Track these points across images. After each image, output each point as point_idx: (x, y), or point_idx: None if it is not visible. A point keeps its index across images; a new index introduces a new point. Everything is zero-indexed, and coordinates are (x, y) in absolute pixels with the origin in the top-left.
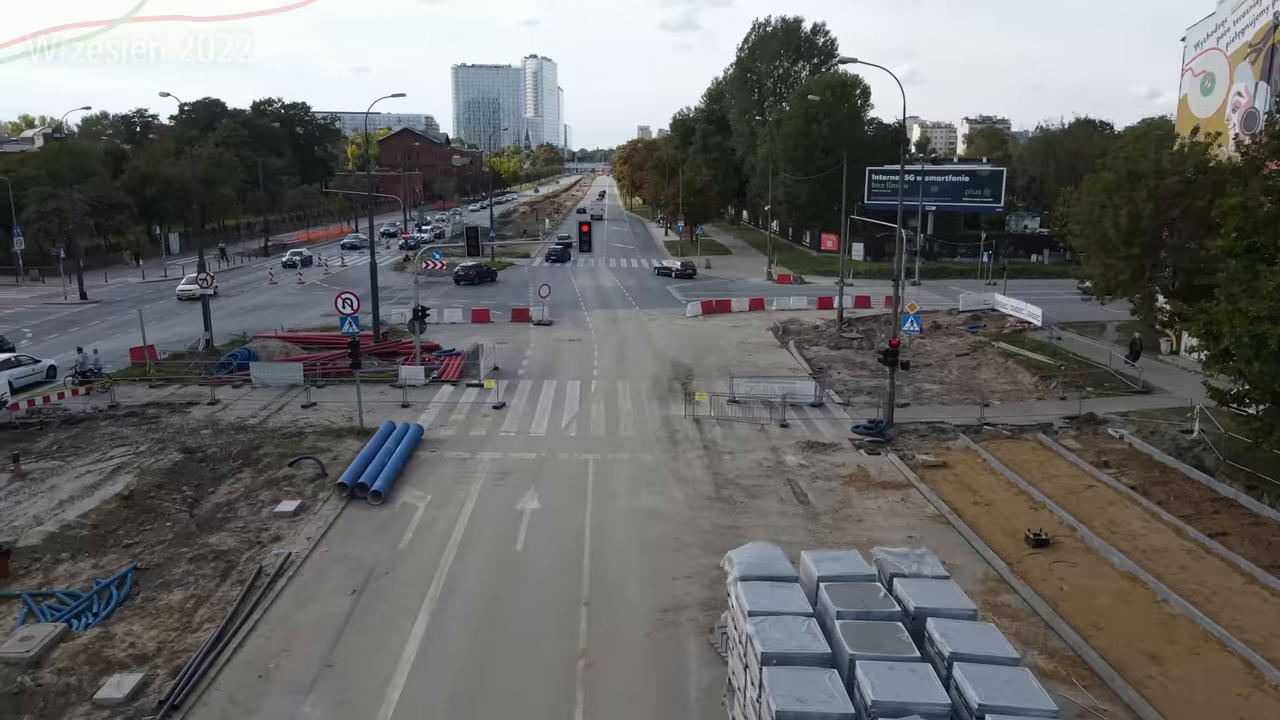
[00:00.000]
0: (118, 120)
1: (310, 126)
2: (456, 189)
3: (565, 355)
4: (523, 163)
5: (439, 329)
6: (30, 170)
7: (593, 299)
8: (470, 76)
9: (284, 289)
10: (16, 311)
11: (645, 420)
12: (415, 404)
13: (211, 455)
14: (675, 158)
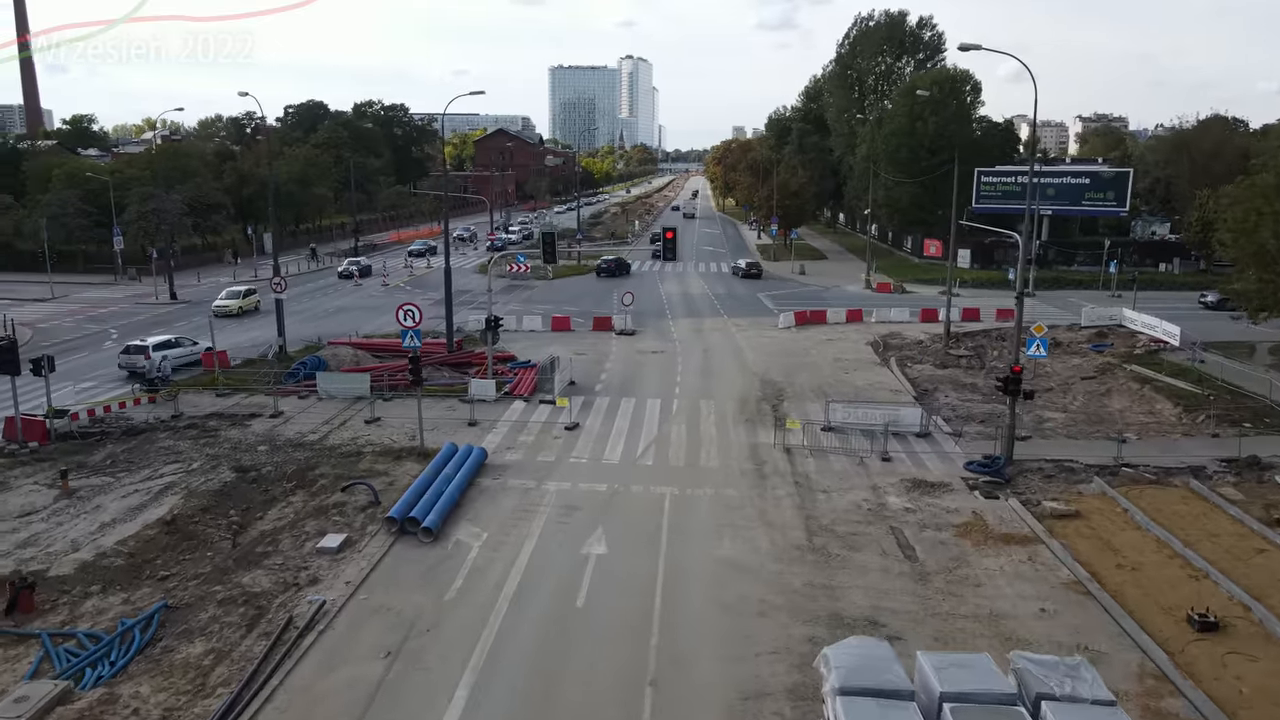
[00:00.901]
0: (229, 122)
1: (408, 128)
2: (549, 189)
3: (647, 369)
4: (616, 163)
5: (516, 337)
6: (135, 171)
7: (679, 306)
8: (566, 77)
9: (368, 291)
10: (109, 310)
11: (730, 448)
12: (483, 422)
13: (265, 475)
14: (770, 158)
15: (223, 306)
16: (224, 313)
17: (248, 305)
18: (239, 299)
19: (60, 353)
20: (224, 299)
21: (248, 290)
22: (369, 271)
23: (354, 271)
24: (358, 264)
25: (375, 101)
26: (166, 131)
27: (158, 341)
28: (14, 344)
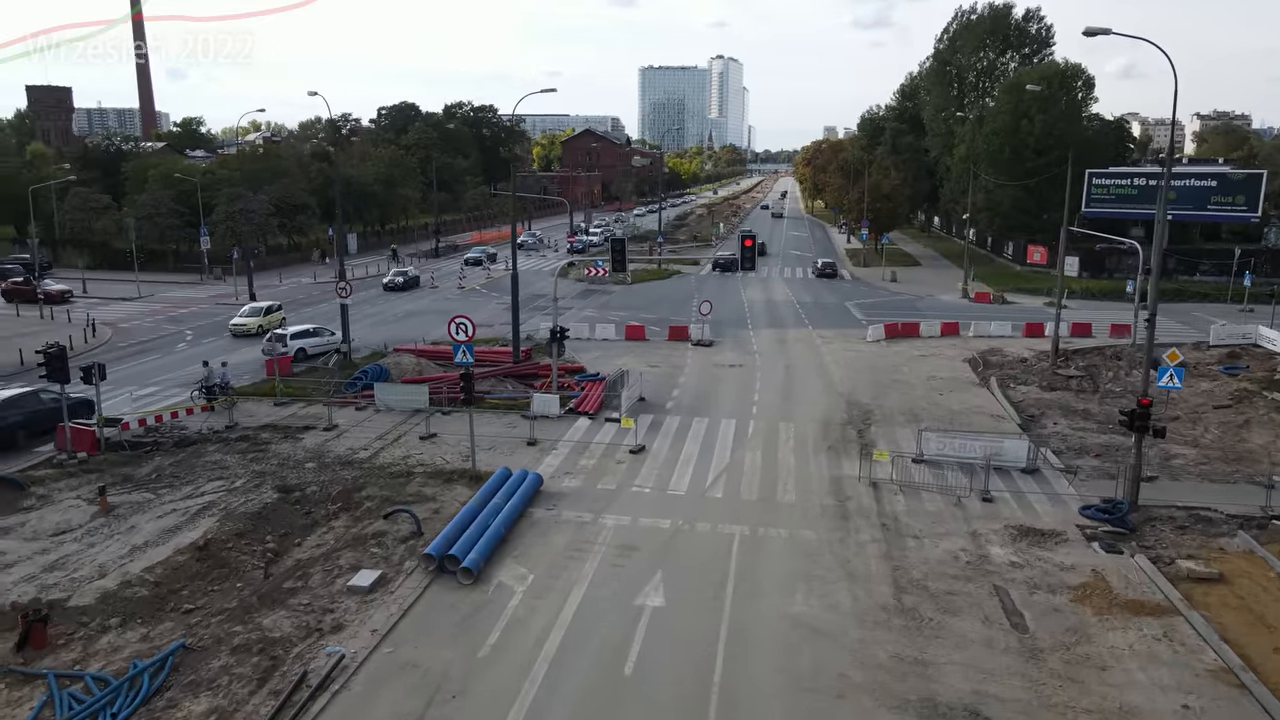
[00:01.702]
0: (327, 124)
1: (496, 128)
2: (634, 190)
3: (723, 385)
4: (704, 164)
5: (588, 346)
6: (226, 172)
7: (761, 315)
8: (657, 78)
9: (443, 293)
10: (189, 311)
11: (810, 480)
12: (543, 441)
13: (309, 495)
14: (861, 159)
15: (240, 326)
16: (242, 332)
17: (271, 324)
18: (260, 317)
19: (133, 354)
20: (243, 317)
21: (270, 307)
22: (416, 283)
23: (399, 283)
24: (404, 274)
25: (465, 103)
26: (268, 133)
27: (296, 330)
28: (64, 351)
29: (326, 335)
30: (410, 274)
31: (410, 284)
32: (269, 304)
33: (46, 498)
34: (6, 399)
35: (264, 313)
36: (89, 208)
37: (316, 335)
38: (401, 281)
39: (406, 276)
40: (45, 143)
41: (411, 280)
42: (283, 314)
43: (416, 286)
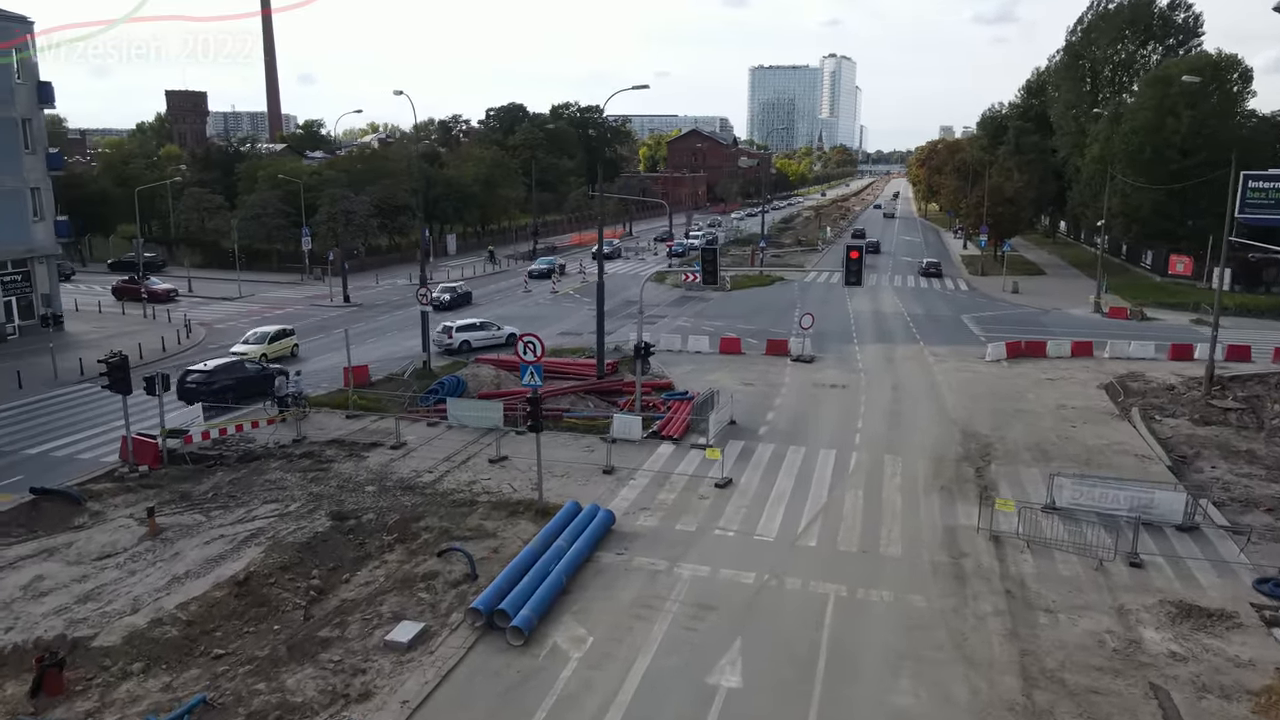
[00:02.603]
0: (439, 125)
1: (602, 129)
2: (740, 192)
3: (824, 407)
4: (813, 164)
5: (679, 360)
6: (332, 173)
7: (868, 328)
8: (767, 78)
9: (535, 298)
10: (284, 312)
11: (919, 529)
12: (621, 470)
13: (364, 524)
14: (981, 159)
15: (241, 355)
16: None
17: (278, 352)
18: (264, 344)
19: (220, 357)
20: (245, 343)
21: (279, 332)
22: (468, 299)
23: (444, 300)
24: (453, 290)
25: (572, 103)
26: (383, 135)
27: (463, 323)
28: (125, 360)
29: (493, 330)
30: (460, 290)
31: (461, 300)
32: (277, 329)
33: (100, 515)
34: (218, 366)
35: (269, 339)
36: (202, 208)
37: (483, 329)
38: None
39: (455, 293)
40: (179, 145)
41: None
42: (294, 339)
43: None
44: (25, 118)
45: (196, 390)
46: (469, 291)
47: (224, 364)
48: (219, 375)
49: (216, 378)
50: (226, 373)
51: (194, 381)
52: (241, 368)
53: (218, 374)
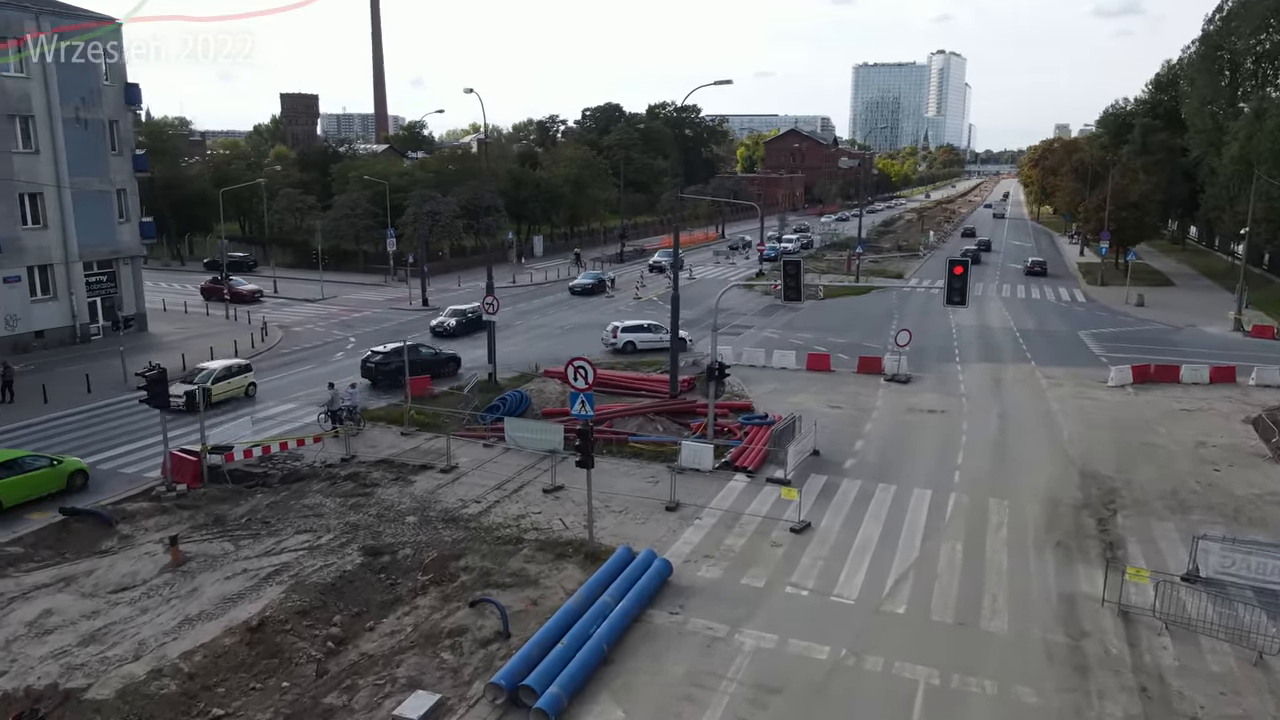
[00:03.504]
0: (537, 126)
1: (699, 129)
2: (839, 193)
3: (919, 437)
4: (917, 165)
5: (762, 377)
6: (422, 174)
7: (971, 344)
8: (871, 76)
9: (618, 303)
10: (362, 315)
11: (1029, 597)
12: (686, 506)
13: (399, 561)
14: (1102, 160)
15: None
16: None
17: (226, 393)
18: (210, 383)
19: (290, 363)
20: (187, 383)
21: (229, 369)
22: (477, 323)
23: (449, 327)
24: (462, 315)
25: (668, 103)
26: (481, 135)
27: (630, 324)
28: (163, 374)
29: (661, 333)
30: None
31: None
32: (226, 365)
33: (129, 539)
34: (393, 349)
35: (214, 378)
36: (295, 208)
37: (650, 331)
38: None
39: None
40: (289, 146)
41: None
42: (248, 377)
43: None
44: (112, 119)
45: (376, 370)
46: (479, 314)
47: (399, 347)
48: (394, 358)
49: (393, 359)
50: (400, 356)
51: (375, 362)
52: (417, 351)
53: (394, 356)
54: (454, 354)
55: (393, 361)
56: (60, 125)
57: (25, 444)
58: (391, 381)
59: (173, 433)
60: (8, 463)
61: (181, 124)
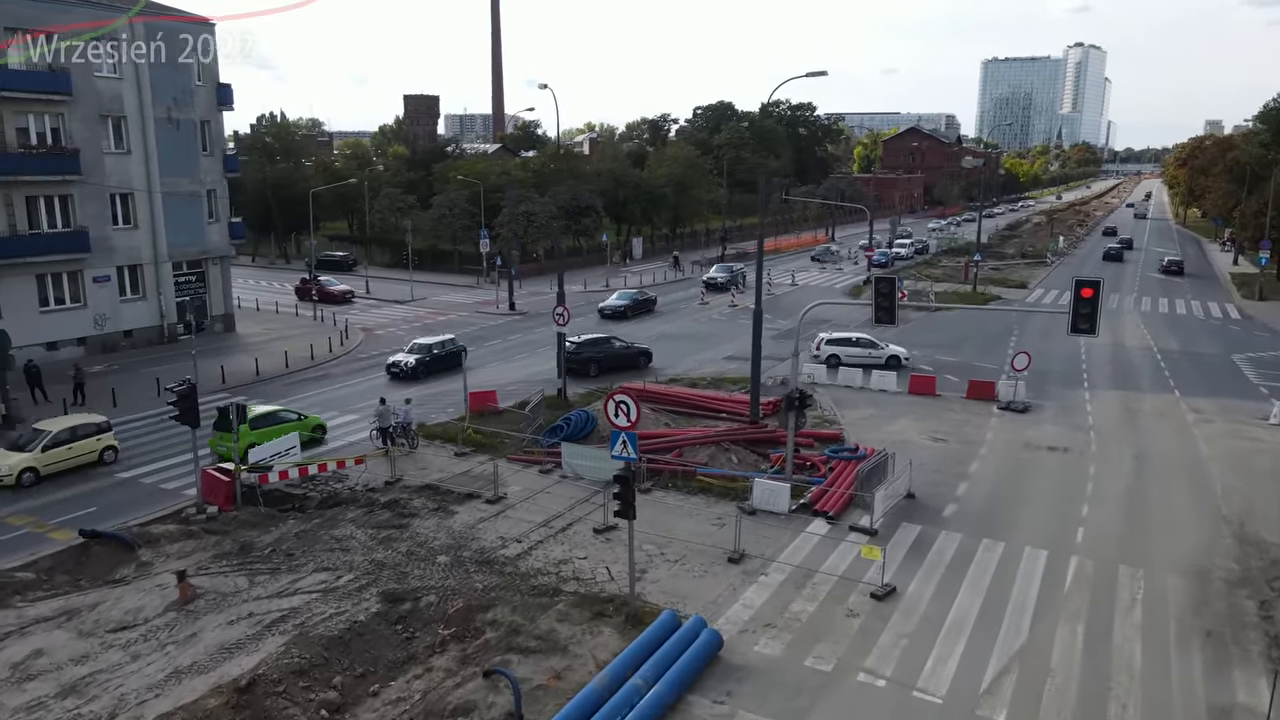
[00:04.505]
0: (649, 125)
1: (814, 127)
2: (960, 194)
3: (1035, 481)
4: (1048, 164)
5: (856, 400)
6: (522, 174)
7: (1103, 367)
8: (1001, 71)
9: (710, 312)
10: (447, 319)
11: (1170, 709)
12: (753, 558)
13: (421, 609)
14: (1261, 159)
15: None
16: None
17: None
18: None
19: (361, 369)
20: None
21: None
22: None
23: (408, 366)
24: (425, 351)
25: (782, 100)
26: (594, 135)
27: (837, 336)
28: (193, 390)
29: (871, 348)
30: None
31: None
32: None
33: (147, 566)
34: (586, 340)
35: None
36: (395, 208)
37: (859, 345)
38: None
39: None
40: (408, 145)
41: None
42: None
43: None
44: (204, 120)
45: (568, 361)
46: (460, 349)
47: (591, 339)
48: (586, 348)
49: (584, 350)
50: (593, 346)
51: (566, 352)
52: (609, 343)
53: (585, 347)
54: (646, 348)
55: (584, 352)
56: (152, 126)
57: None
58: (581, 372)
59: None
60: (264, 415)
61: (314, 125)
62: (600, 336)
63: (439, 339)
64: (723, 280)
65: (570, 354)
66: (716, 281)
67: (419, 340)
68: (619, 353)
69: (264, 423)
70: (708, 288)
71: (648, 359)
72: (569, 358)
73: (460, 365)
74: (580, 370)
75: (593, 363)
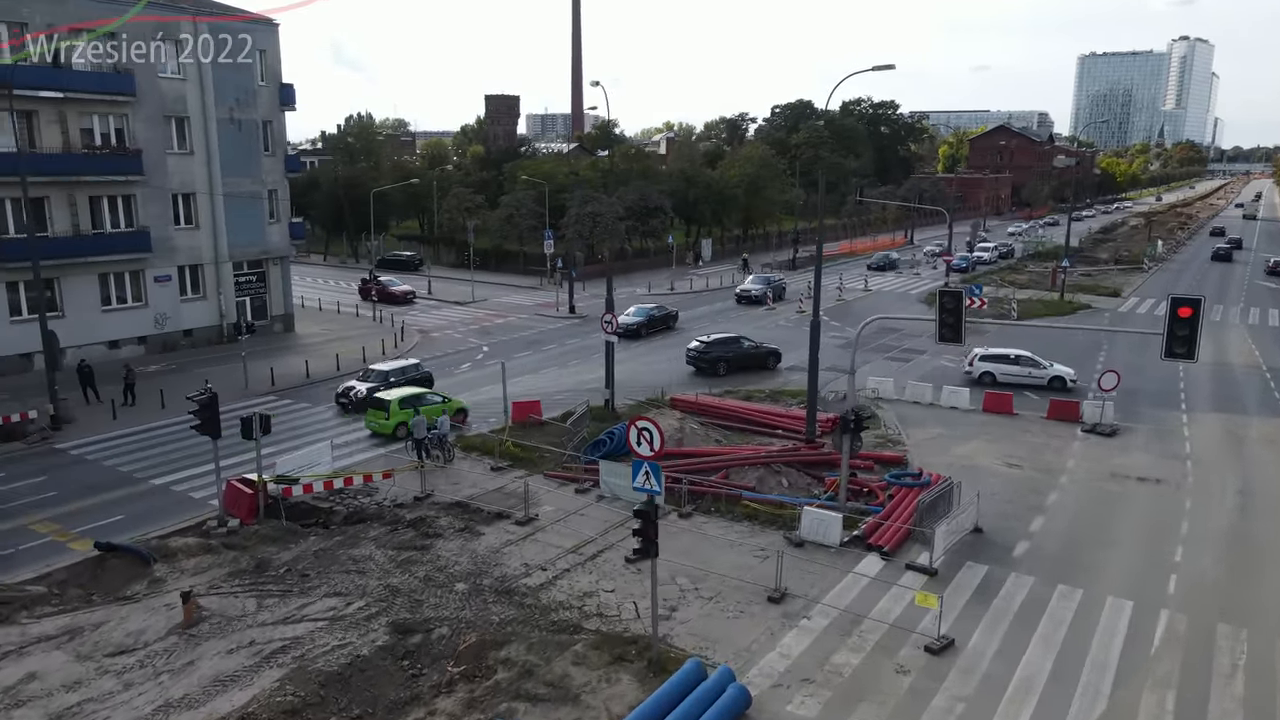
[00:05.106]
0: (727, 124)
1: (896, 125)
2: (1051, 194)
3: (1122, 517)
4: (1148, 164)
5: (923, 417)
6: (590, 174)
7: (1202, 386)
8: (1098, 67)
9: (775, 317)
10: (505, 321)
11: None
12: (795, 598)
13: (432, 643)
14: None
15: None
16: None
17: None
18: None
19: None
20: None
21: None
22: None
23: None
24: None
25: (864, 98)
26: (671, 134)
27: (993, 352)
28: (214, 400)
29: (1033, 367)
30: None
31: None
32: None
33: (159, 583)
34: (716, 339)
35: None
36: (463, 207)
37: (1018, 364)
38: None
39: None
40: (486, 146)
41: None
42: None
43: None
44: (266, 120)
45: (695, 360)
46: (425, 375)
47: (720, 338)
48: (715, 347)
49: (713, 349)
50: (722, 345)
51: (693, 351)
52: (738, 343)
53: (714, 346)
54: (775, 348)
55: (712, 351)
56: (214, 126)
57: (111, 458)
58: (710, 371)
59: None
60: (413, 396)
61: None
62: (730, 336)
63: (399, 365)
64: (757, 293)
65: (699, 353)
66: (750, 294)
67: (375, 366)
68: (748, 352)
69: (412, 403)
70: (740, 300)
71: (776, 359)
72: (697, 356)
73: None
74: (708, 369)
75: (721, 362)
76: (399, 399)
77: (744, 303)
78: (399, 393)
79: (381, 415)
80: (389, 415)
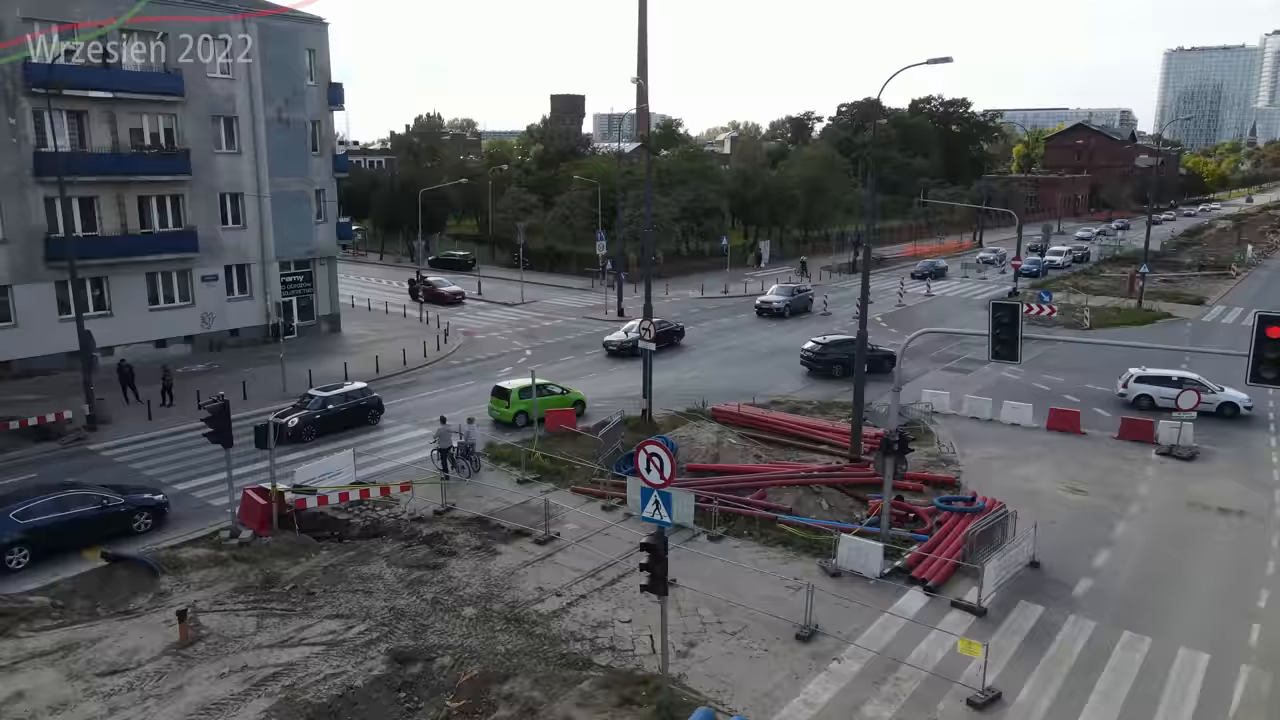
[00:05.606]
0: (793, 123)
1: (967, 124)
2: (1132, 195)
3: (1198, 554)
4: (1238, 163)
5: (981, 434)
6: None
7: None
8: (1186, 62)
9: (831, 323)
10: (552, 324)
11: None
12: (826, 637)
13: (432, 674)
14: None
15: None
16: None
17: None
18: None
19: (452, 376)
20: None
21: None
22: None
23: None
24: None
25: (934, 96)
26: (734, 134)
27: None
28: (226, 407)
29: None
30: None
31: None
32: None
33: (164, 596)
34: (832, 340)
35: None
36: (519, 207)
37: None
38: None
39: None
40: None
41: (800, 301)
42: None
43: (806, 310)
44: (314, 120)
45: (810, 362)
46: (375, 400)
47: (837, 340)
48: (831, 349)
49: (829, 351)
50: (839, 348)
51: (808, 352)
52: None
53: (830, 348)
54: (890, 351)
55: (830, 353)
56: (263, 126)
57: (139, 461)
58: (826, 373)
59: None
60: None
61: (467, 125)
62: (847, 338)
63: (343, 389)
64: (779, 305)
65: (816, 354)
66: (772, 306)
67: (313, 391)
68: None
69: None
70: (760, 313)
71: (891, 362)
72: (814, 357)
73: (368, 421)
74: (824, 372)
75: (838, 364)
76: (519, 389)
77: (765, 315)
78: (519, 382)
79: (503, 404)
80: (509, 404)
